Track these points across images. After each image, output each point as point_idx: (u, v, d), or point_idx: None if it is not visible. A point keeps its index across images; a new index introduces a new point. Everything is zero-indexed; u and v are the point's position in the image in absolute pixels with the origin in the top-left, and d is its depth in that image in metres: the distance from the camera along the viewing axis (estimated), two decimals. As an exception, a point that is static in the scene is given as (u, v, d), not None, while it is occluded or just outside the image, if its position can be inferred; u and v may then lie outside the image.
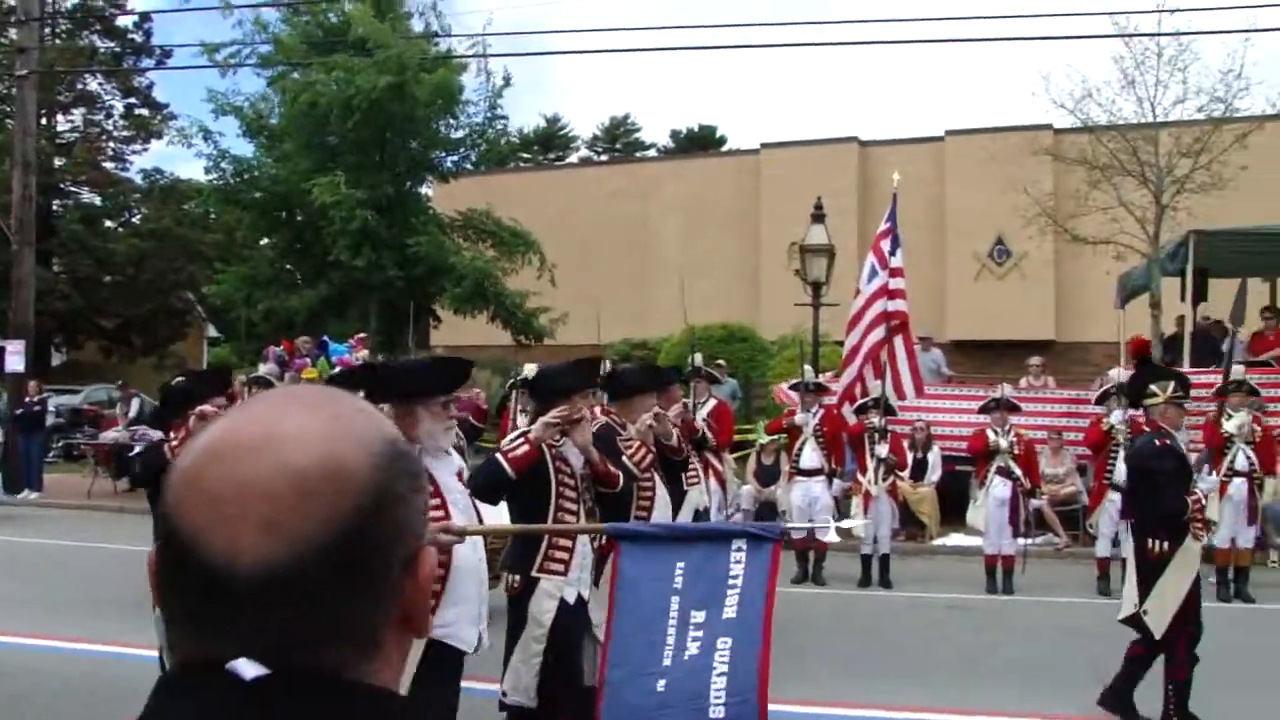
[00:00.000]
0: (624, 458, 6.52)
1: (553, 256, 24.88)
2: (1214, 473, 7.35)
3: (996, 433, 12.33)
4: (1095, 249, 16.83)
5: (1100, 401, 13.02)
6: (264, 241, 27.89)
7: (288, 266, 25.81)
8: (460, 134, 25.35)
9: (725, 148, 46.28)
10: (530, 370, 7.18)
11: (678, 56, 76.15)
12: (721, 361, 18.20)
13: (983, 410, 12.91)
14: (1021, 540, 12.18)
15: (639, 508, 6.91)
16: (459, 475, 5.09)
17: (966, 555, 13.55)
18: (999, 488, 12.20)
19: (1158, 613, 6.88)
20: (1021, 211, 18.27)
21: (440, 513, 4.57)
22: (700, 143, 49.25)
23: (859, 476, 12.63)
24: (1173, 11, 16.41)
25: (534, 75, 78.16)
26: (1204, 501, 7.32)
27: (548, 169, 43.63)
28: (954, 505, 14.38)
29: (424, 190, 26.57)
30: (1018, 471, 12.13)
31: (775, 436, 14.38)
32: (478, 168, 28.28)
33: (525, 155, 49.75)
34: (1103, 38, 17.31)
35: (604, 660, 4.70)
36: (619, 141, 53.53)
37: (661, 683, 4.44)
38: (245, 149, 24.95)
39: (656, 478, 7.19)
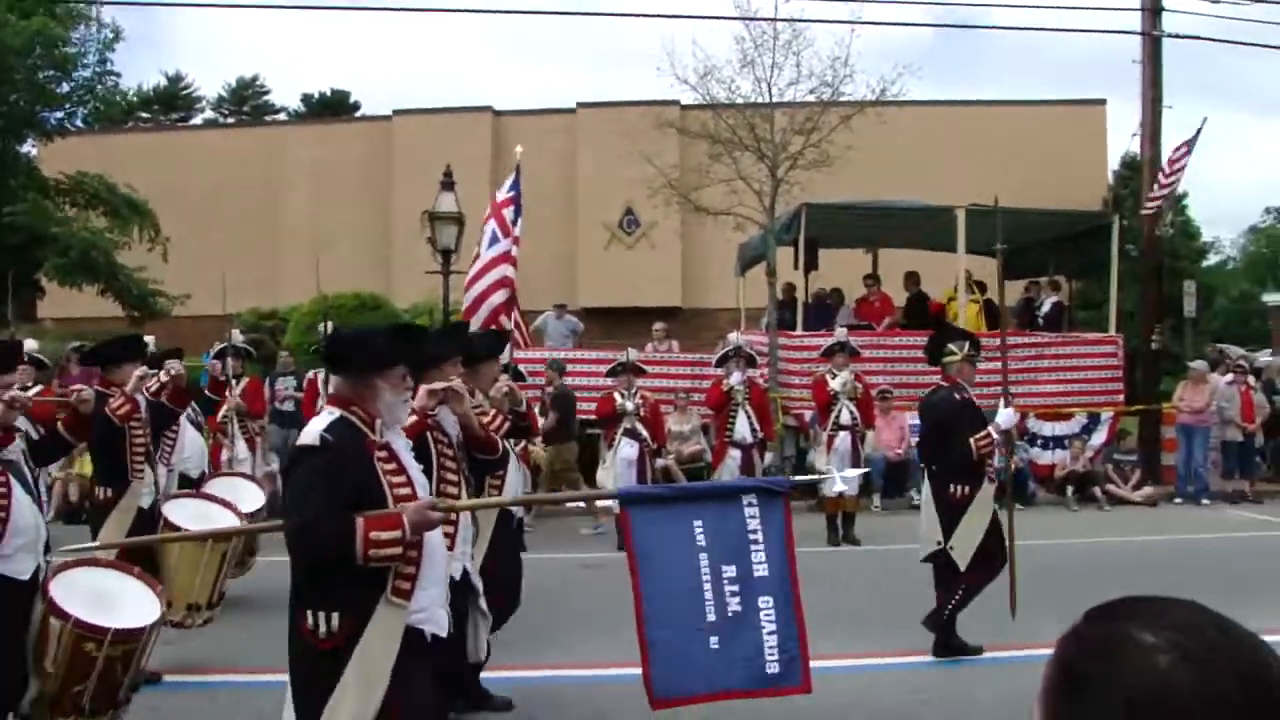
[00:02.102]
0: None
1: (174, 222, 23.57)
2: (1010, 406, 7.91)
3: (623, 395, 12.72)
4: (717, 219, 17.60)
5: (720, 364, 13.63)
6: None
7: None
8: (67, 89, 23.46)
9: (359, 113, 45.17)
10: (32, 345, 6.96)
11: (309, 16, 73.56)
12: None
13: (610, 374, 13.29)
14: (649, 498, 12.59)
15: (494, 477, 6.56)
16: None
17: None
18: (626, 448, 12.61)
19: (963, 548, 7.67)
20: (648, 183, 18.85)
21: (406, 490, 4.22)
22: (333, 107, 47.75)
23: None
24: (789, -1, 17.42)
25: (153, 30, 73.47)
26: (996, 437, 7.87)
27: (169, 130, 41.18)
28: (589, 467, 14.72)
29: (27, 150, 24.45)
30: (644, 432, 12.57)
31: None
32: (90, 126, 26.31)
33: (145, 115, 46.72)
34: (725, 19, 18.10)
35: (641, 621, 4.59)
36: (247, 104, 51.05)
37: (714, 640, 4.50)
38: None
39: (508, 446, 6.91)
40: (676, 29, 30.68)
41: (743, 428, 12.80)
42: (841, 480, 6.38)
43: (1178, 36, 19.10)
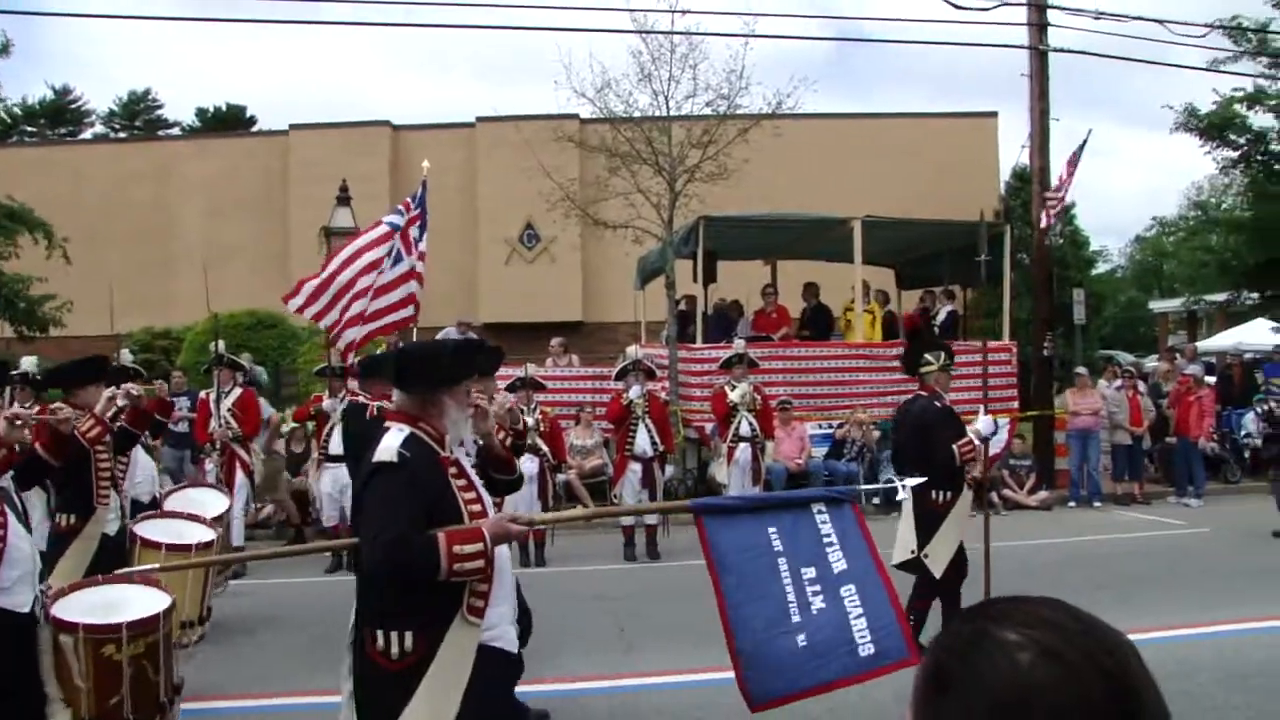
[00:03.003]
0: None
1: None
2: (989, 413, 8.10)
3: (523, 411, 12.60)
4: (616, 233, 17.60)
5: (620, 378, 13.60)
6: None
7: None
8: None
9: (255, 128, 44.50)
10: (29, 364, 6.68)
11: (203, 29, 72.37)
12: (248, 355, 17.48)
13: (509, 389, 13.17)
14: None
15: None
16: None
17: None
18: (526, 464, 12.42)
19: (939, 556, 7.86)
20: (547, 197, 18.80)
21: (477, 506, 4.19)
22: (228, 122, 47.02)
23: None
24: (684, 12, 17.49)
25: (39, 42, 71.61)
26: (976, 443, 8.01)
27: (57, 144, 40.10)
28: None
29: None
30: (544, 448, 12.49)
31: (300, 424, 14.02)
32: (-30, 140, 25.54)
33: (31, 129, 45.54)
34: (622, 32, 18.12)
35: (729, 631, 4.55)
36: (139, 119, 49.98)
37: (801, 638, 4.49)
38: None
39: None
40: (574, 42, 30.58)
41: (643, 441, 12.76)
42: (902, 489, 6.60)
43: (1064, 51, 19.57)
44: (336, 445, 12.16)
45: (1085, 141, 17.45)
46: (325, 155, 27.13)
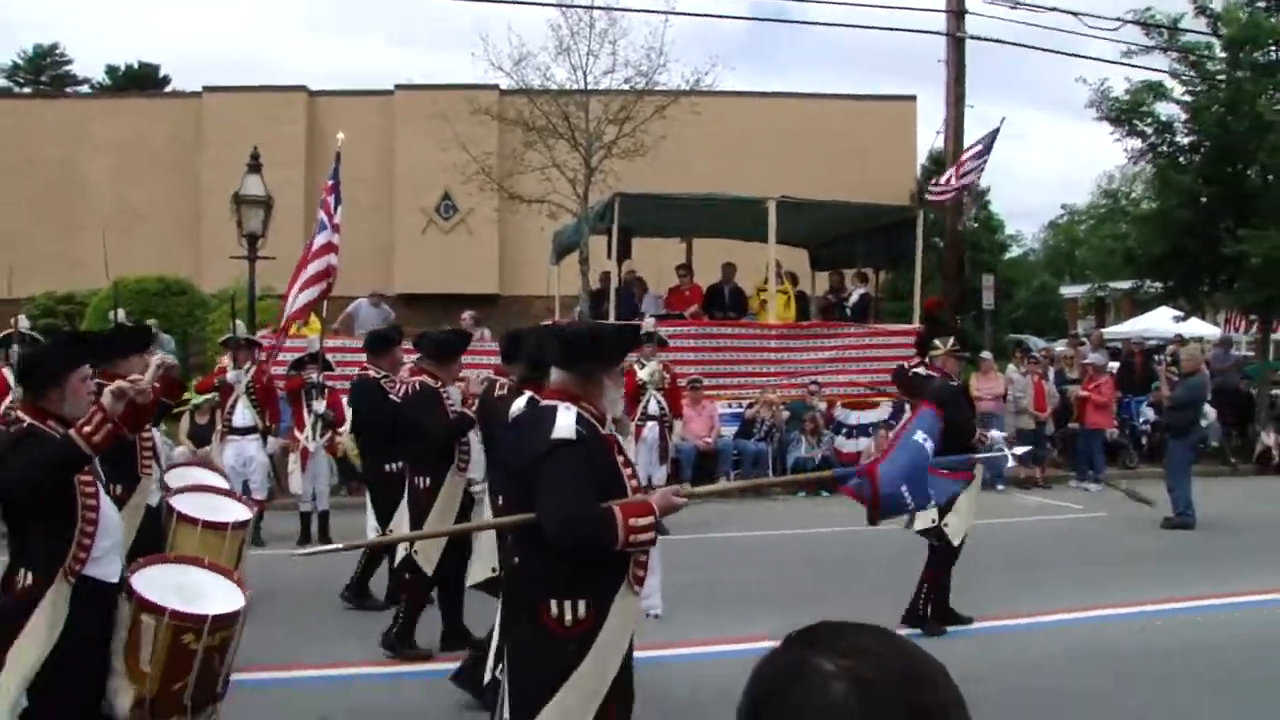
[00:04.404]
0: None
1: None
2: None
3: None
4: (531, 207, 17.52)
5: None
6: None
7: None
8: None
9: (168, 89, 43.45)
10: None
11: (115, -14, 70.48)
12: (154, 322, 17.12)
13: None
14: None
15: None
16: None
17: (405, 508, 13.64)
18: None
19: (956, 527, 8.51)
20: (462, 169, 18.65)
21: (634, 481, 4.48)
22: (140, 81, 45.79)
23: (296, 433, 12.37)
24: (605, -13, 17.43)
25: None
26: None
27: (-47, 99, 38.89)
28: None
29: None
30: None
31: (207, 396, 13.76)
32: None
33: (-76, 82, 44.14)
34: (542, 4, 18.00)
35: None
36: (46, 74, 48.58)
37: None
38: None
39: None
40: (493, 12, 30.32)
41: (653, 409, 13.04)
42: (1013, 457, 7.00)
43: (980, 39, 19.83)
44: (240, 418, 11.90)
45: (998, 129, 17.67)
46: (239, 119, 26.55)
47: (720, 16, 30.58)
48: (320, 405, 12.07)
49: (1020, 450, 10.36)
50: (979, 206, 25.93)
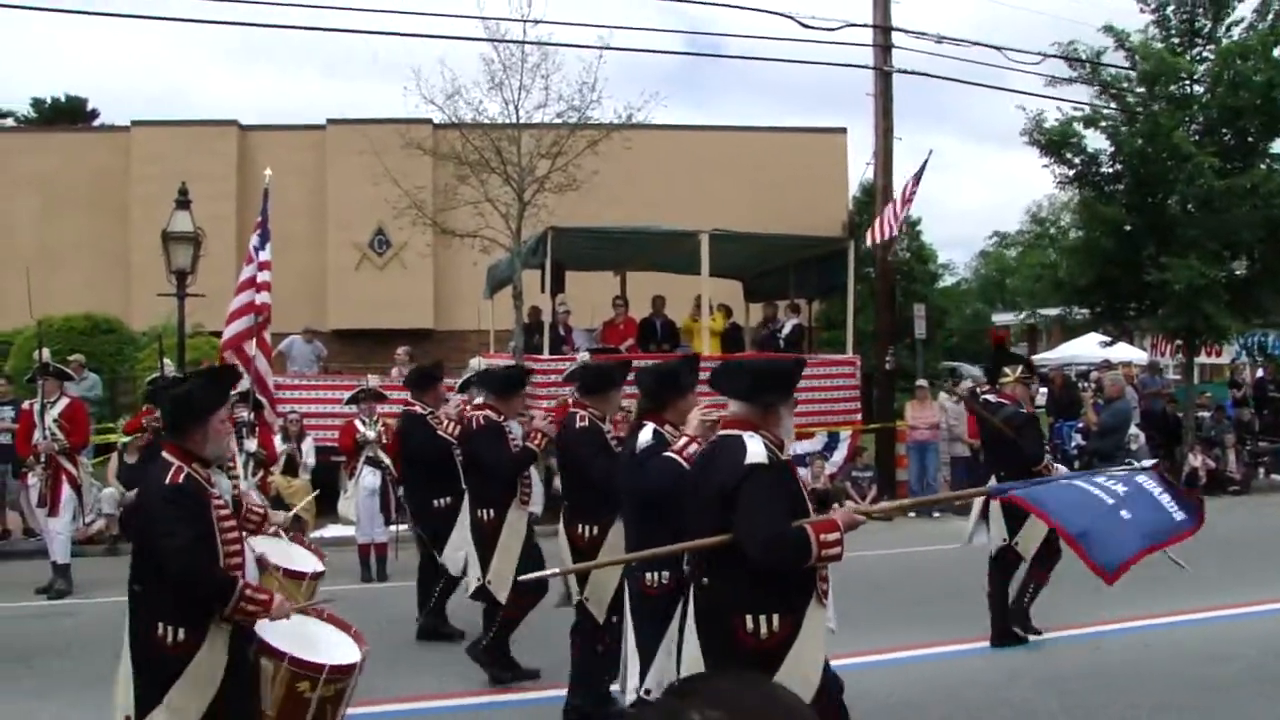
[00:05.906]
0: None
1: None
2: None
3: (364, 423, 12.44)
4: (465, 241, 17.48)
5: (463, 390, 13.47)
6: None
7: None
8: None
9: (95, 123, 42.86)
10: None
11: (40, 15, 69.46)
12: (78, 356, 16.86)
13: (350, 401, 12.95)
14: (393, 528, 12.41)
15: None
16: None
17: (341, 546, 13.46)
18: (369, 477, 12.35)
19: (1027, 544, 8.93)
20: (394, 204, 18.57)
21: (810, 503, 4.84)
22: (67, 114, 45.16)
23: (227, 473, 12.19)
24: (537, 22, 17.44)
25: None
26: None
27: None
28: (331, 496, 14.29)
29: None
30: (386, 460, 12.31)
31: (135, 435, 13.56)
32: None
33: None
34: (474, 40, 17.99)
35: (1064, 531, 4.96)
36: (-32, 108, 47.80)
37: (1124, 513, 4.90)
38: None
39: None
40: (425, 47, 30.25)
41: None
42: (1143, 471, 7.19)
43: (907, 73, 20.12)
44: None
45: (925, 162, 17.91)
46: (169, 153, 26.23)
47: (653, 51, 30.79)
48: (251, 444, 11.92)
49: (1149, 463, 10.50)
50: (910, 237, 26.23)
